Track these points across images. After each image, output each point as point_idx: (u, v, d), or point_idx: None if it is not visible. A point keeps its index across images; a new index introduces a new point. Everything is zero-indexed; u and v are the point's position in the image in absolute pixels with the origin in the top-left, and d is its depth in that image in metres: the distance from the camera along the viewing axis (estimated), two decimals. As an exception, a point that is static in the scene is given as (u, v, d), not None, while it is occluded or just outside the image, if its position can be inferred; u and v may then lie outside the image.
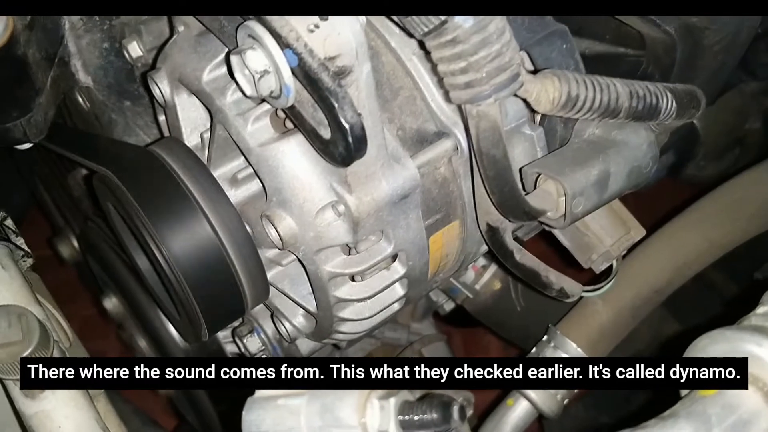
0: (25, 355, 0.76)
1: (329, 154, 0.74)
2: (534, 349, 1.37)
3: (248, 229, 0.91)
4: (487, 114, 0.72)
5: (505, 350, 2.04)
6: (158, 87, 0.93)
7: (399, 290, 0.95)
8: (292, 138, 0.82)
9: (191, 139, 0.95)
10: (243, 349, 1.22)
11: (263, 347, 1.20)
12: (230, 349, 1.31)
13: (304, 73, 0.69)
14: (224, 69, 0.87)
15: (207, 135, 0.93)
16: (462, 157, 0.88)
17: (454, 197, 0.92)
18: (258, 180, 0.92)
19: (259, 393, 0.66)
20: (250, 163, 0.85)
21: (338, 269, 0.87)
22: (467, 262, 1.05)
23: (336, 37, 0.71)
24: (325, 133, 0.73)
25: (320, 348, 1.15)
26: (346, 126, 0.69)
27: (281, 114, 0.85)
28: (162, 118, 1.04)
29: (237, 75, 0.75)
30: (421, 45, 0.73)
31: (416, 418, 0.59)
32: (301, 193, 0.83)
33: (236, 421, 0.67)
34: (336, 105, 0.68)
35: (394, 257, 0.91)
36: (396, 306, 0.98)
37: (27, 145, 1.03)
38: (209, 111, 0.88)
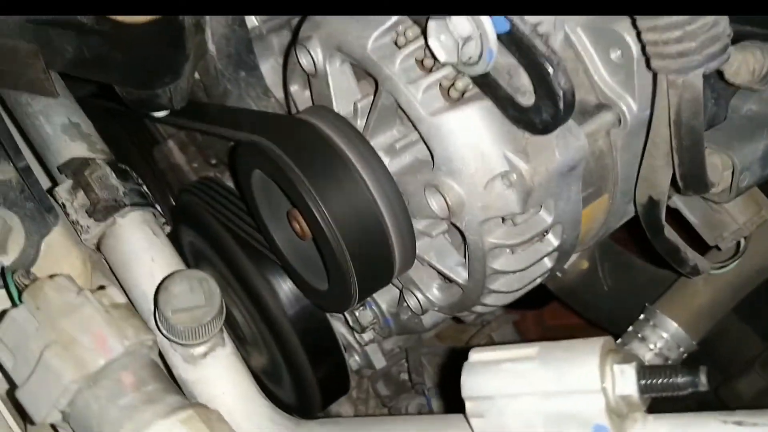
0: (207, 320, 0.75)
1: (527, 121, 0.73)
2: (631, 328, 1.38)
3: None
4: (693, 85, 0.71)
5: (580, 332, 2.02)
6: (311, 55, 0.92)
7: (547, 263, 0.95)
8: (467, 106, 0.81)
9: (341, 108, 0.94)
10: (353, 322, 1.22)
11: (375, 320, 1.20)
12: (336, 326, 1.31)
13: (515, 39, 0.69)
14: (389, 37, 0.86)
15: (360, 104, 0.93)
16: (624, 129, 0.88)
17: (608, 170, 0.92)
18: (413, 150, 0.92)
19: (478, 356, 0.66)
20: (419, 132, 0.84)
21: (500, 240, 0.87)
22: (602, 238, 1.05)
23: (539, 4, 0.71)
24: (525, 99, 0.73)
25: (442, 322, 1.15)
26: (560, 92, 0.68)
27: (445, 83, 0.85)
28: (295, 88, 1.04)
29: (432, 41, 0.74)
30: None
31: (659, 382, 0.59)
32: (473, 162, 0.82)
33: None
34: (551, 71, 0.68)
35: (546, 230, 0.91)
36: (539, 280, 0.98)
37: (165, 113, 1.02)
38: (374, 79, 0.87)
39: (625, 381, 0.60)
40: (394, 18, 0.85)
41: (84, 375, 0.62)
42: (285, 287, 1.25)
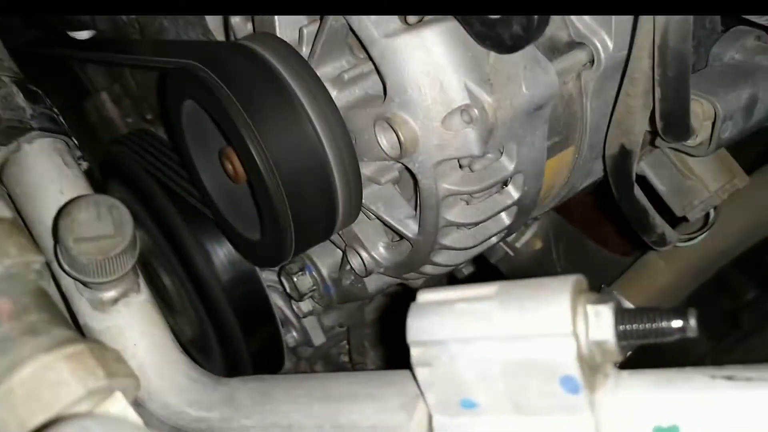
0: (116, 252, 0.64)
1: (495, 37, 0.64)
2: (586, 309, 1.30)
3: (350, 137, 0.81)
4: (681, 4, 0.63)
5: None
6: (253, -29, 0.81)
7: (504, 220, 0.86)
8: (427, 29, 0.72)
9: (285, 34, 0.84)
10: (290, 289, 1.12)
11: (314, 287, 1.10)
12: (273, 298, 1.20)
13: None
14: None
15: (307, 30, 0.82)
16: (597, 70, 0.80)
17: (576, 118, 0.84)
18: (364, 84, 0.82)
19: (427, 296, 0.56)
20: (371, 56, 0.75)
21: (455, 186, 0.78)
22: (562, 199, 0.97)
23: None
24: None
25: (387, 287, 1.05)
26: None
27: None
28: (236, 19, 0.93)
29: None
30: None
31: (640, 327, 0.50)
32: (430, 93, 0.73)
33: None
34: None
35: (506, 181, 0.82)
36: (494, 239, 0.89)
37: (88, 33, 0.90)
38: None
39: (601, 324, 0.51)
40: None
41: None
42: (220, 252, 1.14)
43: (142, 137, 1.24)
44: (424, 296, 0.57)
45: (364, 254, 0.93)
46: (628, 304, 1.25)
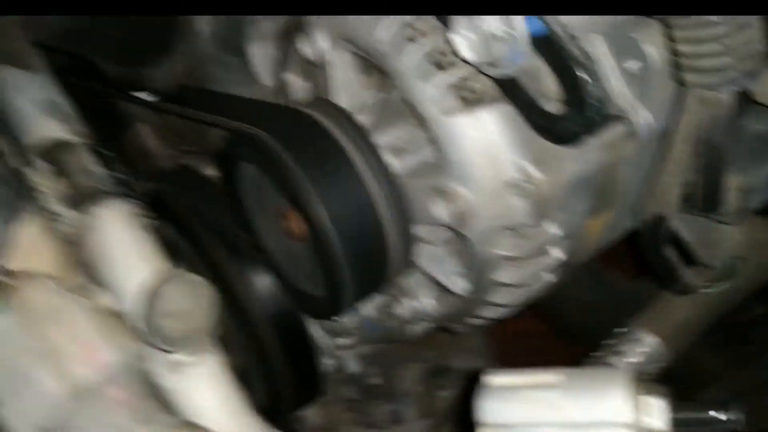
0: (203, 327, 0.69)
1: (551, 130, 0.69)
2: (608, 341, 1.35)
3: (404, 202, 0.86)
4: (724, 101, 0.69)
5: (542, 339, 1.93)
6: (315, 43, 0.86)
7: (549, 277, 0.91)
8: (484, 109, 0.77)
9: (344, 101, 0.89)
10: (330, 327, 1.17)
11: (355, 326, 1.15)
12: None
13: (549, 43, 0.65)
14: (401, 30, 0.81)
15: (365, 99, 0.87)
16: (635, 142, 0.85)
17: (613, 184, 0.89)
18: (420, 152, 0.87)
19: (494, 379, 0.62)
20: (430, 133, 0.80)
21: (505, 252, 0.83)
22: (597, 252, 1.02)
23: (573, 7, 0.67)
24: (550, 106, 0.69)
25: (428, 332, 1.10)
26: (594, 103, 0.65)
27: (459, 82, 0.80)
28: (291, 76, 0.98)
29: (457, 37, 0.70)
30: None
31: (692, 417, 0.56)
32: (486, 169, 0.78)
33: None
34: (589, 80, 0.64)
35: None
36: (536, 294, 0.94)
37: (145, 95, 0.95)
38: (383, 73, 0.82)
39: (657, 415, 0.56)
40: (408, 10, 0.81)
41: (71, 390, 0.55)
42: (262, 285, 1.19)
43: (185, 173, 1.29)
44: (491, 379, 0.62)
45: (410, 303, 0.98)
46: (654, 340, 1.31)
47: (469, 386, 0.63)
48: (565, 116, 0.68)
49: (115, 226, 0.82)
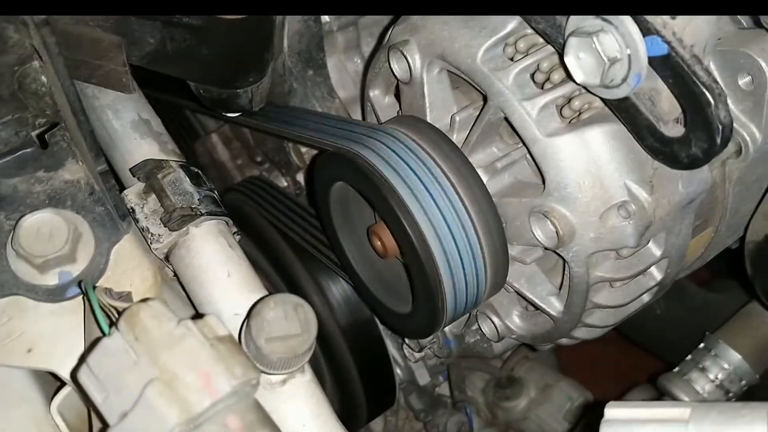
0: (303, 350, 0.69)
1: (669, 153, 0.67)
2: (690, 357, 1.32)
3: (501, 221, 0.84)
4: None
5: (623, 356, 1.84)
6: (406, 60, 0.85)
7: (646, 298, 0.89)
8: (589, 129, 0.75)
9: (435, 119, 0.87)
10: (412, 342, 1.16)
11: (434, 340, 1.14)
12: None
13: (671, 65, 0.62)
14: (500, 48, 0.80)
15: (458, 117, 0.86)
16: (744, 161, 0.82)
17: (717, 203, 0.86)
18: (515, 170, 0.85)
19: (617, 412, 0.60)
20: (531, 154, 0.78)
21: (606, 274, 0.81)
22: (693, 271, 0.99)
23: (693, 26, 0.64)
24: (666, 129, 0.67)
25: (513, 348, 1.09)
26: (719, 126, 0.62)
27: (560, 101, 0.78)
28: (376, 92, 0.97)
29: (570, 58, 0.67)
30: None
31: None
32: (590, 190, 0.76)
33: None
34: (712, 102, 0.61)
35: (649, 263, 0.85)
36: (632, 314, 0.92)
37: (236, 114, 0.94)
38: (481, 93, 0.80)
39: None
40: (508, 28, 0.79)
41: (188, 418, 0.55)
42: (337, 295, 1.19)
43: (258, 184, 1.29)
44: (614, 412, 0.60)
45: (497, 321, 0.97)
46: (736, 357, 1.27)
47: (591, 417, 0.61)
48: (684, 139, 0.65)
49: (207, 244, 0.82)
